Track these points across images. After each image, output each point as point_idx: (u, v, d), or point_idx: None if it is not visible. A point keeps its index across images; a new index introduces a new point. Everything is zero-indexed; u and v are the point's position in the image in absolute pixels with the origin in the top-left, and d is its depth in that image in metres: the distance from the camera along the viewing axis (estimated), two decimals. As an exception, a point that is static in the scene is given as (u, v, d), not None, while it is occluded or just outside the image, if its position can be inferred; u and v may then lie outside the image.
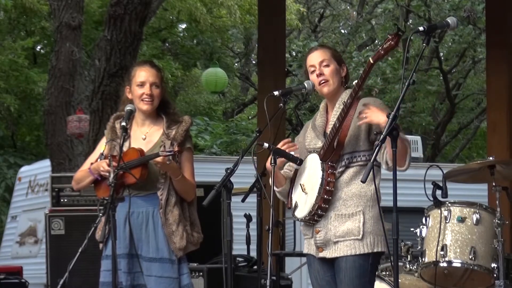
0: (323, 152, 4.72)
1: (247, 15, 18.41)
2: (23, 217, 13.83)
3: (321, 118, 4.90)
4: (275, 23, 9.13)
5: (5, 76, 17.51)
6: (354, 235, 4.66)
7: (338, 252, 4.69)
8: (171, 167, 5.00)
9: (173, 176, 5.05)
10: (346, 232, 4.67)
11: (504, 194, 5.89)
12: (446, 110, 20.35)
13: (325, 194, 4.67)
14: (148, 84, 5.17)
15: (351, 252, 4.66)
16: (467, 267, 5.63)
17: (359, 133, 4.72)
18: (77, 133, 10.41)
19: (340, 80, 4.86)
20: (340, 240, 4.68)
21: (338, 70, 4.86)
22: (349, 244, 4.66)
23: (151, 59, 15.51)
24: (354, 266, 4.66)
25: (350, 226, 4.67)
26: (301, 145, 4.92)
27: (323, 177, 4.65)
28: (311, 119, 5.01)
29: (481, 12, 15.85)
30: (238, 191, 5.41)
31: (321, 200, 4.67)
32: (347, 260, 4.67)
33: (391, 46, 4.52)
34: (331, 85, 4.83)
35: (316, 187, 4.67)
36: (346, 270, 4.66)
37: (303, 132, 4.99)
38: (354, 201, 4.70)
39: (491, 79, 8.78)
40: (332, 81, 4.83)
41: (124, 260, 5.04)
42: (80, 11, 11.48)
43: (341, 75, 4.87)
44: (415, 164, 12.01)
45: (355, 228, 4.66)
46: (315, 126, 4.90)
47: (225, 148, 18.22)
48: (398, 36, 4.51)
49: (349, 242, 4.67)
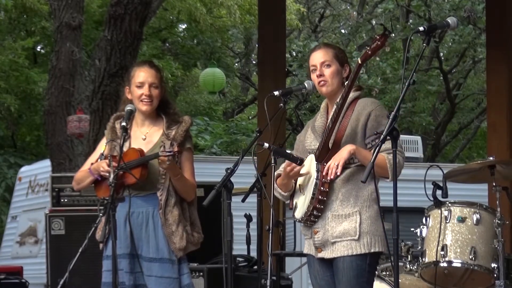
0: (318, 152, 4.72)
1: (247, 15, 18.40)
2: (23, 217, 13.83)
3: (321, 118, 4.90)
4: (275, 23, 9.12)
5: (5, 76, 17.52)
6: (351, 236, 4.66)
7: (336, 253, 4.69)
8: (170, 166, 4.99)
9: (172, 175, 5.05)
10: (343, 232, 4.68)
11: (504, 194, 5.89)
12: (446, 110, 20.36)
13: (319, 195, 4.66)
14: (147, 84, 5.16)
15: (348, 253, 4.66)
16: (467, 267, 5.63)
17: (356, 134, 4.72)
18: (77, 133, 10.41)
19: (341, 80, 4.84)
20: (337, 240, 4.69)
21: (339, 70, 4.84)
22: (346, 245, 4.67)
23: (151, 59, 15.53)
24: (351, 267, 4.66)
25: (346, 226, 4.67)
26: (302, 144, 4.93)
27: (317, 178, 4.65)
28: (312, 119, 5.02)
29: (481, 12, 15.86)
30: (238, 191, 5.41)
31: (316, 201, 4.67)
32: (344, 261, 4.67)
33: (378, 46, 4.56)
34: (329, 86, 4.82)
35: (311, 188, 4.67)
36: (344, 270, 4.67)
37: (304, 132, 4.99)
38: (350, 201, 4.70)
39: (491, 79, 8.78)
40: (331, 82, 4.82)
41: (126, 260, 5.04)
42: (80, 11, 11.48)
43: (342, 75, 4.84)
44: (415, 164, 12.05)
45: (352, 228, 4.67)
46: (315, 126, 4.90)
47: (225, 148, 18.23)
48: (385, 36, 4.54)
49: (346, 242, 4.67)
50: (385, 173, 4.61)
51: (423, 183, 5.52)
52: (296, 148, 4.99)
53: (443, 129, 20.53)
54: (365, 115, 4.71)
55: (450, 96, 19.38)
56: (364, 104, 4.75)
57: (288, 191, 4.89)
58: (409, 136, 15.15)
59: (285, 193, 4.89)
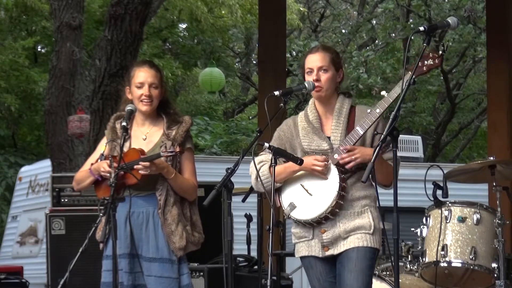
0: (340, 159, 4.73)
1: (248, 15, 18.40)
2: (24, 217, 13.84)
3: (314, 118, 4.90)
4: (275, 23, 9.12)
5: (6, 76, 17.51)
6: (366, 229, 4.73)
7: (348, 245, 4.72)
8: (160, 167, 4.99)
9: (166, 176, 5.04)
10: (357, 226, 4.73)
11: (505, 194, 5.90)
12: (447, 110, 20.36)
13: (339, 198, 4.72)
14: (146, 85, 5.16)
15: (364, 244, 4.70)
16: (467, 267, 5.64)
17: (365, 140, 4.80)
18: (78, 133, 10.41)
19: (335, 85, 4.92)
20: (351, 234, 4.72)
21: (335, 76, 4.90)
22: (360, 237, 4.71)
23: (152, 58, 15.54)
24: (366, 257, 4.70)
25: (361, 221, 4.74)
26: (292, 143, 4.91)
27: (340, 182, 4.70)
28: (297, 116, 5.02)
29: (481, 11, 15.86)
30: (239, 191, 5.42)
31: (336, 204, 4.72)
32: (358, 251, 4.70)
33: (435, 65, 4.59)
34: (324, 92, 4.88)
35: (333, 192, 4.70)
36: (358, 259, 4.69)
37: (292, 130, 4.96)
38: (360, 201, 4.77)
39: (492, 79, 8.78)
40: (326, 87, 4.87)
41: (125, 260, 5.04)
42: (80, 11, 11.48)
43: (337, 80, 4.92)
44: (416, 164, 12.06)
45: (366, 223, 4.73)
46: (313, 126, 4.90)
47: (226, 148, 18.23)
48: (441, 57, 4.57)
49: (360, 235, 4.72)
50: (386, 181, 4.68)
51: (423, 183, 5.52)
52: (279, 142, 4.93)
53: (444, 129, 20.52)
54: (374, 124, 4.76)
55: (450, 96, 19.37)
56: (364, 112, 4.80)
57: (280, 183, 4.87)
58: (409, 136, 15.14)
59: (278, 184, 4.84)
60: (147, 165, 4.94)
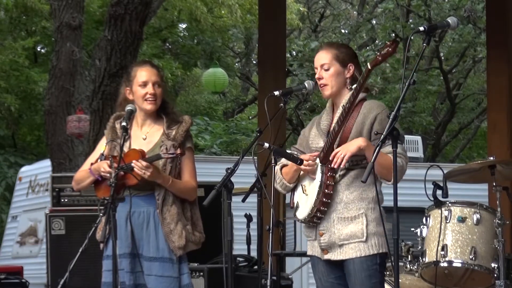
0: (323, 154, 4.71)
1: (248, 15, 18.40)
2: (24, 217, 13.84)
3: (327, 117, 4.88)
4: (275, 23, 9.12)
5: (6, 76, 17.51)
6: (358, 238, 4.67)
7: (344, 255, 4.70)
8: (155, 177, 4.98)
9: (162, 185, 5.04)
10: (350, 235, 4.67)
11: (505, 194, 5.89)
12: (447, 110, 20.35)
13: (324, 197, 4.67)
14: (150, 83, 5.17)
15: (357, 255, 4.66)
16: (467, 267, 5.63)
17: (361, 136, 4.70)
18: (76, 133, 10.41)
19: (343, 81, 4.81)
20: (345, 243, 4.69)
21: (340, 72, 4.80)
22: (354, 247, 4.67)
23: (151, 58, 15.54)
24: (362, 268, 4.66)
25: (353, 228, 4.68)
26: (306, 140, 4.92)
27: (322, 180, 4.65)
28: (319, 115, 4.99)
29: (481, 11, 15.86)
30: (239, 191, 5.41)
31: (320, 203, 4.67)
32: (354, 263, 4.67)
33: (389, 52, 4.53)
34: (329, 89, 4.81)
35: (315, 190, 4.67)
36: (355, 272, 4.67)
37: (310, 127, 4.97)
38: (356, 204, 4.70)
39: (492, 79, 8.77)
40: (331, 84, 4.79)
41: (126, 259, 5.04)
42: (80, 11, 11.48)
43: (345, 76, 4.81)
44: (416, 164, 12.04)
45: (359, 230, 4.67)
46: (320, 124, 4.88)
47: (225, 148, 18.22)
48: (396, 43, 4.51)
49: (353, 244, 4.67)
50: (388, 175, 4.57)
51: (423, 183, 5.51)
52: (299, 142, 4.97)
53: (443, 129, 20.52)
54: (371, 118, 4.70)
55: (450, 96, 19.37)
56: (370, 107, 4.74)
57: (293, 182, 4.88)
58: (409, 136, 15.13)
59: (290, 184, 4.86)
60: (144, 165, 4.93)
